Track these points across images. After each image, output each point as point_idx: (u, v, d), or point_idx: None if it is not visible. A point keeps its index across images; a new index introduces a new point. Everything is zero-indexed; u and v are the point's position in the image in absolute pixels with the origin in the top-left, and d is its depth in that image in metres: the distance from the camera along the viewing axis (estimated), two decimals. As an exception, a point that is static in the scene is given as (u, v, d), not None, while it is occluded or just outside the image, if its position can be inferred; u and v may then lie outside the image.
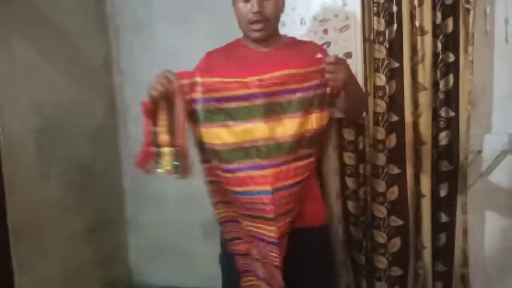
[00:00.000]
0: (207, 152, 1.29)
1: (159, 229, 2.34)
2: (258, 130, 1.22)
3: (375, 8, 1.75)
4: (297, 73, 1.25)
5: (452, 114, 1.72)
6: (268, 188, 1.21)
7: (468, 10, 1.65)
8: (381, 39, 1.76)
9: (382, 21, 1.75)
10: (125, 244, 2.39)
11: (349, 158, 1.86)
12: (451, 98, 1.71)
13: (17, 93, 1.75)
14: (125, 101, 2.29)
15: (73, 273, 1.99)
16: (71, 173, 2.00)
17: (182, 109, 1.19)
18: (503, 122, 1.79)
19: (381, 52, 1.77)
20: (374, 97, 1.80)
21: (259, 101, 1.23)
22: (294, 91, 1.24)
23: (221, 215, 1.38)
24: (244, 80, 1.23)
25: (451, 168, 1.73)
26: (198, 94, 1.25)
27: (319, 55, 1.29)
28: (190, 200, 2.16)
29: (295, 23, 1.88)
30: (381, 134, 1.79)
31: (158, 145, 1.20)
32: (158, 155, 1.20)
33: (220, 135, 1.24)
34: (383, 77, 1.77)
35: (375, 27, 1.76)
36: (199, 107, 1.25)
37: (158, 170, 1.20)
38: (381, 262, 1.81)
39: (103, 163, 2.23)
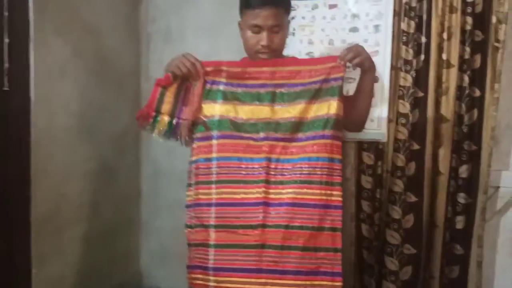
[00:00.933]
0: (208, 125, 1.43)
1: (172, 235, 2.36)
2: (263, 110, 1.40)
3: (404, 38, 1.79)
4: (303, 70, 1.39)
5: (474, 148, 1.74)
6: (262, 156, 1.38)
7: (497, 48, 1.68)
8: (408, 67, 1.80)
9: (411, 51, 1.79)
10: (137, 247, 2.42)
11: (366, 182, 1.89)
12: (474, 133, 1.74)
13: (49, 91, 1.80)
14: (150, 107, 2.34)
15: (87, 272, 2.02)
16: (93, 173, 2.04)
17: (201, 91, 1.41)
18: (523, 160, 1.80)
19: (407, 80, 1.80)
20: (397, 123, 1.83)
21: (268, 89, 1.40)
22: (300, 84, 1.39)
23: (191, 198, 1.49)
24: (260, 69, 1.41)
25: (469, 201, 1.75)
26: (222, 79, 1.42)
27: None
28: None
29: (322, 43, 1.93)
30: (401, 161, 1.81)
31: (159, 112, 1.42)
32: (156, 119, 1.42)
33: (232, 110, 1.42)
34: (407, 105, 1.80)
35: (403, 55, 1.80)
36: (220, 88, 1.43)
37: (152, 131, 1.44)
38: (391, 289, 1.82)
39: (123, 166, 2.27)
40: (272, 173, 1.37)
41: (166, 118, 1.42)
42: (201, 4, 2.24)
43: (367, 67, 1.38)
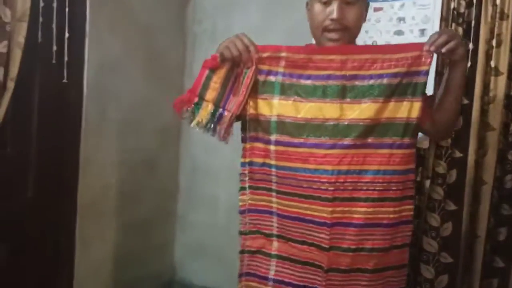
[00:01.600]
0: (264, 126, 1.22)
1: (206, 230, 2.42)
2: (330, 108, 1.16)
3: (451, 44, 1.76)
4: (379, 58, 1.15)
5: (519, 158, 1.69)
6: (329, 167, 1.16)
7: (547, 57, 1.63)
8: (454, 74, 1.76)
9: (457, 57, 1.76)
10: (172, 240, 2.49)
11: (405, 188, 1.86)
12: (520, 142, 1.69)
13: (101, 85, 1.90)
14: (192, 104, 2.41)
15: (124, 258, 2.10)
16: (136, 165, 2.12)
17: (250, 81, 1.18)
18: None
19: (452, 87, 1.77)
20: (439, 130, 1.80)
21: (337, 82, 1.16)
22: (375, 76, 1.15)
23: (244, 203, 1.29)
24: (328, 57, 1.16)
25: (512, 212, 1.70)
26: (279, 68, 1.19)
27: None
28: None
29: (366, 44, 1.93)
30: (442, 168, 1.78)
31: (202, 98, 1.19)
32: (198, 106, 1.19)
33: (292, 108, 1.18)
34: (451, 112, 1.77)
35: (449, 62, 1.77)
36: (277, 79, 1.19)
37: (191, 120, 1.20)
38: (426, 298, 1.79)
39: (164, 161, 2.35)
40: (341, 188, 1.16)
41: (210, 107, 1.19)
42: (247, 6, 2.30)
43: (460, 56, 1.13)
